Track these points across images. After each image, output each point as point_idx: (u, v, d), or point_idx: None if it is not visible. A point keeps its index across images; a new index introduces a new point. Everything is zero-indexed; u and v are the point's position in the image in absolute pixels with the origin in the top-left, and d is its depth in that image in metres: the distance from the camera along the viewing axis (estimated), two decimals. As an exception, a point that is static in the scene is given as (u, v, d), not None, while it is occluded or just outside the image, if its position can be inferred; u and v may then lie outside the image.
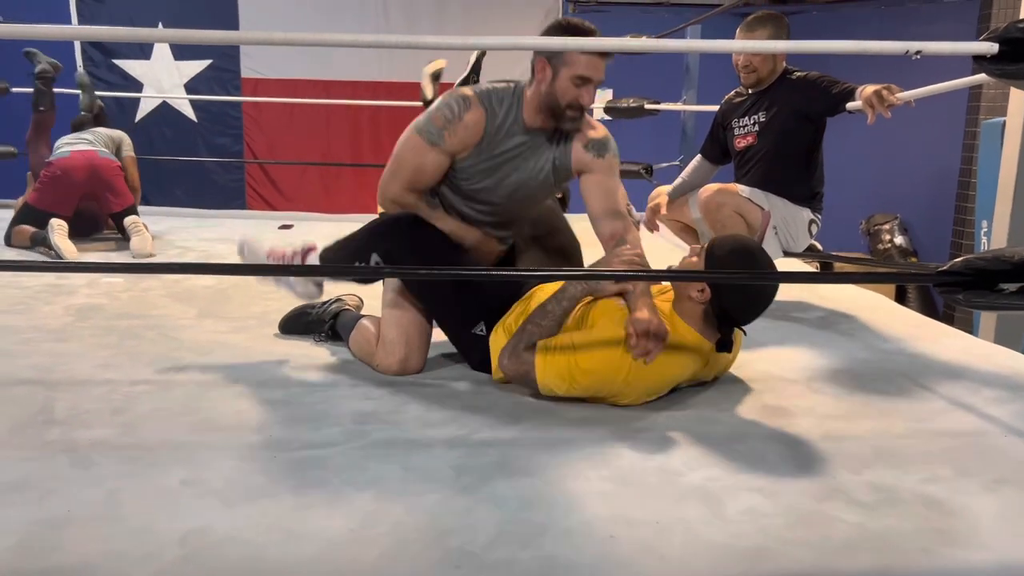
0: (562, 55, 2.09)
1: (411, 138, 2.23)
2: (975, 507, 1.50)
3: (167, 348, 2.45)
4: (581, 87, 2.12)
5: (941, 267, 1.61)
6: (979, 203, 5.07)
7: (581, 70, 2.09)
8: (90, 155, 4.39)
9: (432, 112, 2.21)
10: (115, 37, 1.83)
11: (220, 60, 6.80)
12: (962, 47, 1.64)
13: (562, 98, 2.13)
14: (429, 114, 2.22)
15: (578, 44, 1.96)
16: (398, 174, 2.26)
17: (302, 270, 2.45)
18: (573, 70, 2.09)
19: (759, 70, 3.05)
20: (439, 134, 2.18)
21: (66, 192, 4.29)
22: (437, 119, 2.19)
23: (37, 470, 1.58)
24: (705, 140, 3.41)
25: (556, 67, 2.11)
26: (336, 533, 1.36)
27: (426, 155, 2.21)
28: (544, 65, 2.13)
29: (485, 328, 2.18)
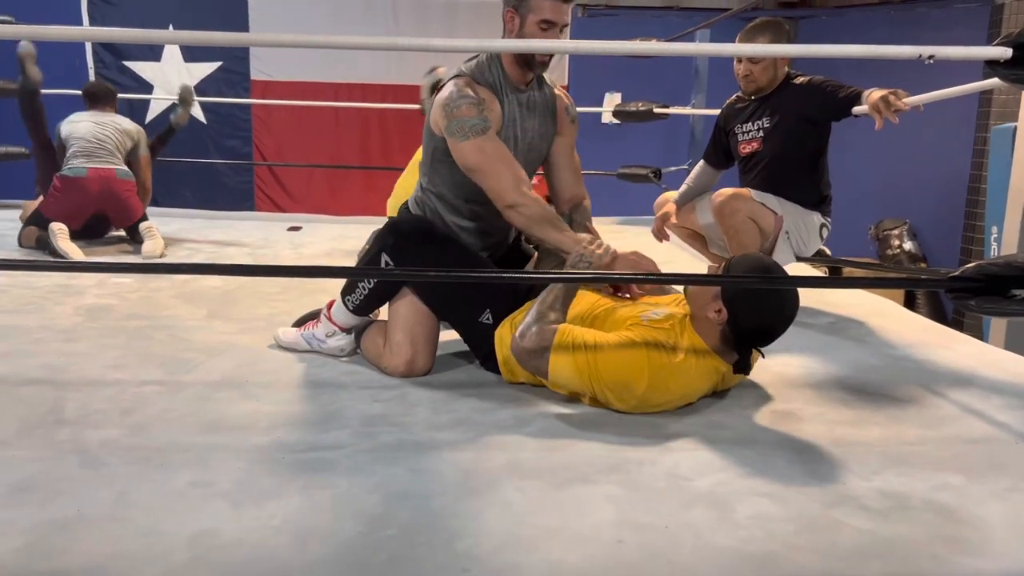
0: (527, 3, 2.17)
1: (470, 146, 2.18)
2: (985, 515, 1.49)
3: (176, 349, 2.46)
4: (548, 31, 2.20)
5: (953, 273, 1.60)
6: (989, 209, 5.05)
7: (546, 14, 2.18)
8: (108, 176, 4.35)
9: (455, 111, 2.18)
10: (126, 38, 1.84)
11: (230, 62, 6.83)
12: (975, 51, 1.64)
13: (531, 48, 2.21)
14: (457, 116, 2.18)
15: (589, 48, 1.96)
16: (504, 180, 2.19)
17: (320, 271, 2.45)
18: (538, 15, 2.18)
19: (758, 80, 3.05)
20: (483, 120, 2.18)
21: (77, 208, 4.29)
22: (468, 111, 2.18)
23: (46, 470, 1.58)
24: (707, 145, 3.40)
25: (523, 15, 2.19)
26: (344, 535, 1.36)
27: (496, 144, 2.20)
28: (512, 15, 2.21)
29: (491, 317, 2.18)
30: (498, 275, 2.29)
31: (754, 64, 3.01)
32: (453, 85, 2.23)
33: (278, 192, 6.99)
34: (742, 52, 2.80)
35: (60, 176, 4.33)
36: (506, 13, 2.23)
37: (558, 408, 1.99)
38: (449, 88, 2.23)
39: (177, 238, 4.80)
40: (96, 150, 4.40)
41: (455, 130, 2.18)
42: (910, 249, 6.55)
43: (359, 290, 2.29)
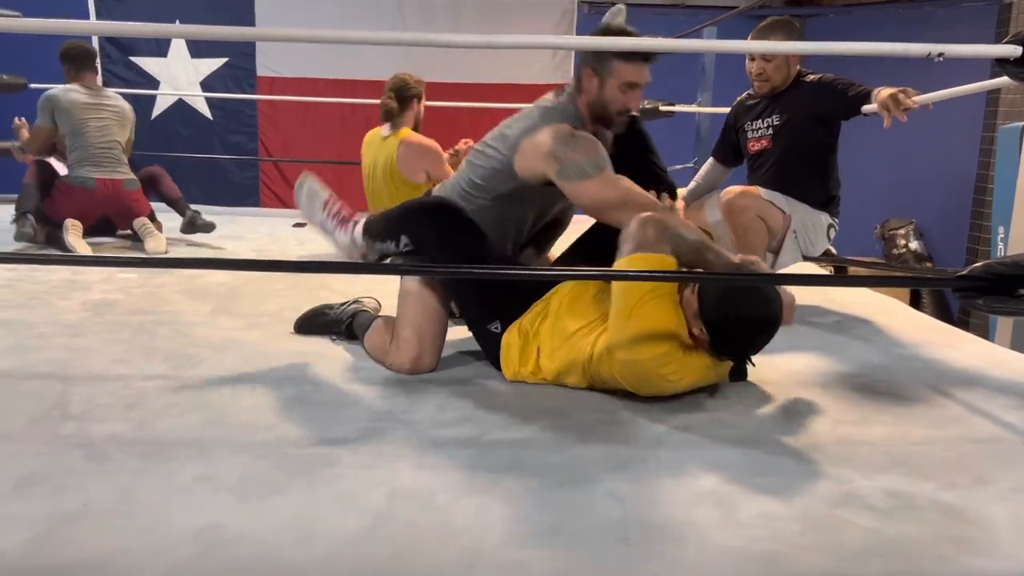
0: (607, 65, 2.16)
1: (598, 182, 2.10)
2: (992, 515, 1.48)
3: (181, 344, 2.46)
4: (628, 92, 2.20)
5: (960, 272, 1.59)
6: (996, 209, 5.03)
7: (628, 76, 2.17)
8: (116, 186, 4.35)
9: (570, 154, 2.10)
10: (132, 32, 1.84)
11: (236, 58, 6.82)
12: (985, 50, 1.63)
13: (611, 105, 2.21)
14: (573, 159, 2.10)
15: (598, 44, 1.96)
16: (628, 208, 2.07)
17: (313, 266, 2.45)
18: (620, 78, 2.17)
19: (772, 79, 3.04)
20: (603, 157, 2.12)
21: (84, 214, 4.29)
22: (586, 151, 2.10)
23: (52, 464, 1.58)
24: (717, 143, 3.40)
25: (603, 77, 2.18)
26: (349, 531, 1.36)
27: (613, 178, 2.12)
28: (591, 75, 2.19)
29: (500, 327, 2.18)
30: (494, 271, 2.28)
31: (767, 63, 3.01)
32: (554, 131, 2.14)
33: (284, 188, 6.98)
34: (751, 48, 2.80)
35: (66, 183, 4.32)
36: (584, 71, 2.20)
37: (562, 406, 1.99)
38: (550, 134, 2.14)
39: (182, 234, 4.81)
40: (103, 157, 4.38)
41: (572, 173, 2.10)
42: (916, 249, 6.54)
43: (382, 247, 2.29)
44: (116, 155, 4.42)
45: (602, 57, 2.17)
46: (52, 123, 4.35)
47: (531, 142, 2.19)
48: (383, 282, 2.83)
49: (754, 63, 3.06)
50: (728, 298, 1.92)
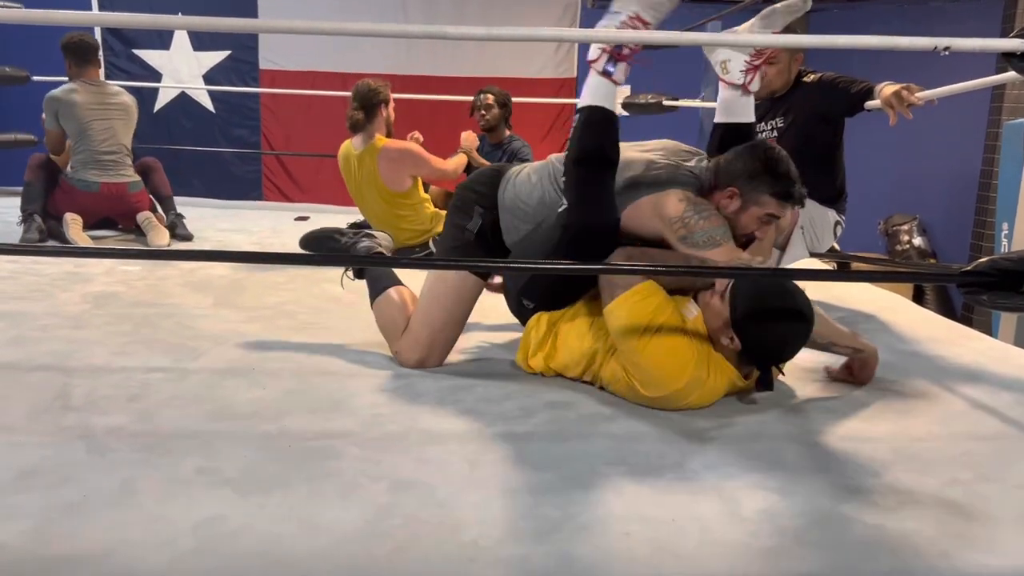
0: (758, 196, 2.10)
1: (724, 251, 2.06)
2: (995, 511, 1.48)
3: (183, 337, 2.46)
4: (765, 225, 2.15)
5: (965, 267, 1.59)
6: (1000, 205, 5.02)
7: (772, 209, 2.12)
8: (120, 191, 4.33)
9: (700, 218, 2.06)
10: (134, 24, 1.83)
11: (238, 51, 6.82)
12: (991, 44, 1.62)
13: (743, 229, 2.14)
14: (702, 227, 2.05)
15: (601, 37, 1.94)
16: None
17: (330, 259, 2.43)
18: (764, 209, 2.11)
19: (773, 83, 3.04)
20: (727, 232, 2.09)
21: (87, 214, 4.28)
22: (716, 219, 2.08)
23: (53, 456, 1.58)
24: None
25: (747, 203, 2.11)
26: (350, 525, 1.35)
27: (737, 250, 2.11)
28: (734, 195, 2.12)
29: (533, 306, 2.19)
30: (494, 264, 2.27)
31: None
32: (683, 197, 2.09)
33: (286, 182, 6.99)
34: (756, 42, 2.78)
35: (69, 183, 4.31)
36: (728, 189, 2.12)
37: (565, 400, 1.98)
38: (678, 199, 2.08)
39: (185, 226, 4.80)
40: (108, 161, 4.35)
41: (700, 241, 2.04)
42: (920, 245, 6.52)
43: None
44: (120, 158, 4.39)
45: (756, 188, 2.10)
46: (58, 125, 4.34)
47: (656, 201, 2.11)
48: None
49: None
50: (764, 305, 1.90)
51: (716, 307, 1.94)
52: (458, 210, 2.33)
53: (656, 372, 1.88)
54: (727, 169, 2.14)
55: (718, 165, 2.17)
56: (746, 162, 2.11)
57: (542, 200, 2.21)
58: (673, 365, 1.87)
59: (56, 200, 4.29)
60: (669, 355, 1.87)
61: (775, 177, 2.09)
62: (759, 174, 2.09)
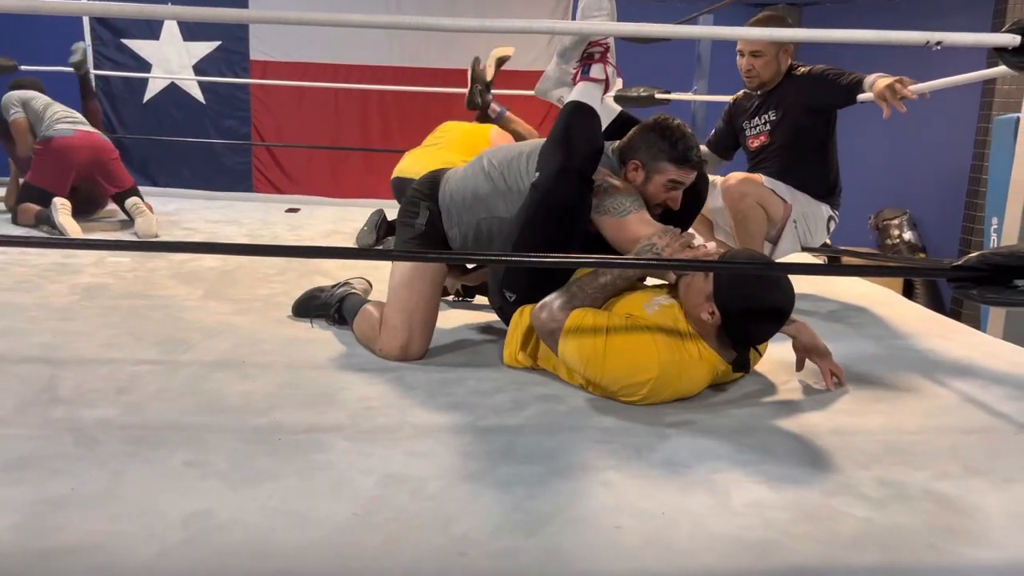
0: (659, 165, 2.20)
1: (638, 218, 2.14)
2: (984, 505, 1.48)
3: (172, 329, 2.44)
4: (672, 191, 2.24)
5: (956, 262, 1.59)
6: (990, 199, 5.04)
7: (676, 176, 2.21)
8: (93, 138, 4.38)
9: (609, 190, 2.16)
10: (123, 13, 1.81)
11: (229, 42, 6.78)
12: (983, 38, 1.62)
13: (652, 199, 2.23)
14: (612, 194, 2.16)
15: (594, 29, 1.94)
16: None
17: (317, 251, 2.43)
18: (666, 176, 2.21)
19: (761, 74, 3.05)
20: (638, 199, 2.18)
21: (64, 171, 4.29)
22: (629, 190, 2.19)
23: (41, 448, 1.57)
24: (711, 138, 3.41)
25: (650, 173, 2.22)
26: (340, 518, 1.35)
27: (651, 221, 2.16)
28: (637, 167, 2.23)
29: (514, 298, 2.19)
30: (493, 257, 2.27)
31: (756, 59, 3.02)
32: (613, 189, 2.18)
33: (277, 174, 6.95)
34: (746, 35, 2.78)
35: (43, 139, 4.33)
36: (631, 163, 2.23)
37: (556, 393, 1.98)
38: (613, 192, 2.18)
39: (175, 218, 4.78)
40: (77, 120, 4.48)
41: (612, 208, 2.13)
42: (910, 239, 6.55)
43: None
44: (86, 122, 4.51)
45: (655, 158, 2.20)
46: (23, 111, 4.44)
47: None
48: (382, 267, 2.82)
49: (744, 60, 3.06)
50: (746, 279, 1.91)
51: (698, 284, 1.95)
52: (407, 209, 2.41)
53: (624, 376, 1.89)
54: (628, 145, 2.27)
55: (622, 145, 2.30)
56: (643, 135, 2.24)
57: (475, 192, 2.30)
58: (638, 361, 1.87)
59: (36, 166, 4.31)
60: (632, 353, 1.88)
61: (671, 144, 2.19)
62: (655, 143, 2.20)
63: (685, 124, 2.24)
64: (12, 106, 4.49)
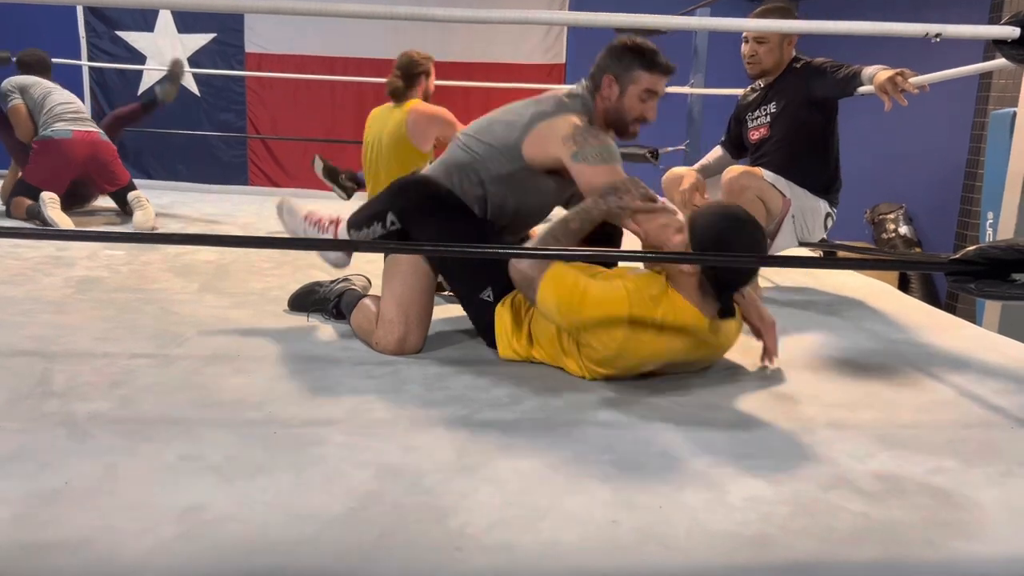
0: (631, 74, 2.22)
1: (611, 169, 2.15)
2: (981, 499, 1.48)
3: (167, 322, 2.43)
4: (648, 102, 2.25)
5: (954, 255, 1.58)
6: (985, 194, 5.04)
7: (649, 85, 2.23)
8: (93, 139, 4.34)
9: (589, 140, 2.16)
10: (117, 3, 1.80)
11: (224, 34, 6.75)
12: (983, 31, 1.62)
13: (629, 113, 2.26)
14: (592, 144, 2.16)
15: (590, 20, 1.93)
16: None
17: (313, 243, 2.43)
18: (642, 86, 2.23)
19: (764, 61, 3.04)
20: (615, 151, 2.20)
21: (61, 172, 4.27)
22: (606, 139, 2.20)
23: (34, 442, 1.56)
24: (724, 135, 3.41)
25: (624, 84, 2.23)
26: (336, 512, 1.34)
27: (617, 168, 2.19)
28: (611, 82, 2.24)
29: (492, 295, 2.17)
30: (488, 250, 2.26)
31: (760, 45, 3.01)
32: (576, 118, 2.21)
33: (272, 167, 6.93)
34: (747, 26, 2.78)
35: (42, 139, 4.30)
36: (604, 79, 2.25)
37: (553, 387, 1.98)
38: (571, 120, 2.20)
39: (170, 211, 4.76)
40: (77, 115, 4.41)
41: (590, 155, 2.15)
42: (905, 234, 6.54)
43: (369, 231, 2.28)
44: (86, 115, 4.46)
45: (627, 66, 2.22)
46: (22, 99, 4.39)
47: (549, 125, 2.22)
48: (375, 260, 2.81)
49: (747, 45, 3.06)
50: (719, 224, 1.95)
51: (678, 244, 1.99)
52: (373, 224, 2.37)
53: (599, 319, 1.90)
54: (599, 65, 2.28)
55: (591, 70, 2.30)
56: (611, 50, 2.26)
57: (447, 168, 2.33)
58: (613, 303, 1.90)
59: (32, 165, 4.27)
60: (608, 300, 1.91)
61: (640, 52, 2.21)
62: (625, 54, 2.22)
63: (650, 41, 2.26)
64: (10, 92, 4.45)
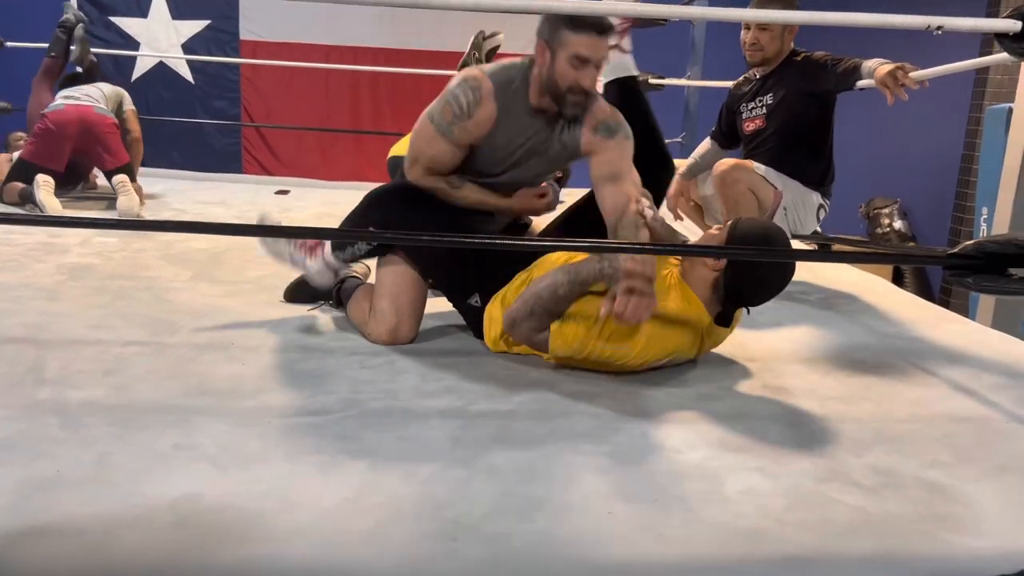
0: (559, 36, 2.02)
1: (425, 126, 2.18)
2: (976, 493, 1.48)
3: (160, 310, 2.42)
4: (580, 68, 2.04)
5: (952, 250, 1.58)
6: (980, 189, 5.05)
7: (579, 49, 2.02)
8: (84, 110, 4.33)
9: (443, 103, 2.14)
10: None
11: (218, 21, 6.70)
12: (984, 24, 1.61)
13: (562, 81, 2.06)
14: (441, 103, 2.15)
15: (591, 8, 1.92)
16: (417, 161, 2.22)
17: (299, 232, 2.41)
18: (570, 50, 2.02)
19: (766, 49, 3.02)
20: (449, 128, 2.14)
21: (57, 146, 4.25)
22: (447, 112, 2.13)
23: (26, 430, 1.55)
24: (715, 127, 3.39)
25: (554, 49, 2.05)
26: (330, 502, 1.34)
27: (439, 145, 2.17)
28: (543, 48, 2.07)
29: (480, 300, 2.17)
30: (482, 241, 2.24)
31: (762, 32, 2.99)
32: (466, 83, 2.13)
33: (266, 155, 6.90)
34: (748, 17, 2.76)
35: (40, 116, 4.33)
36: (537, 45, 2.09)
37: (548, 378, 1.97)
38: (463, 82, 2.13)
39: (163, 199, 4.74)
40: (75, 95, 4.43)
41: (433, 110, 2.16)
42: (900, 228, 6.56)
43: (353, 251, 2.26)
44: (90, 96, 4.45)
45: (555, 29, 2.04)
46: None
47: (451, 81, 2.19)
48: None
49: (749, 32, 3.04)
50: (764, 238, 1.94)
51: (715, 235, 2.00)
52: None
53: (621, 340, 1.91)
54: (538, 29, 2.11)
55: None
56: (548, 16, 2.07)
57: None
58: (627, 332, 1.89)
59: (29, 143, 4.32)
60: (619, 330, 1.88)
61: (571, 16, 2.00)
62: (556, 18, 2.03)
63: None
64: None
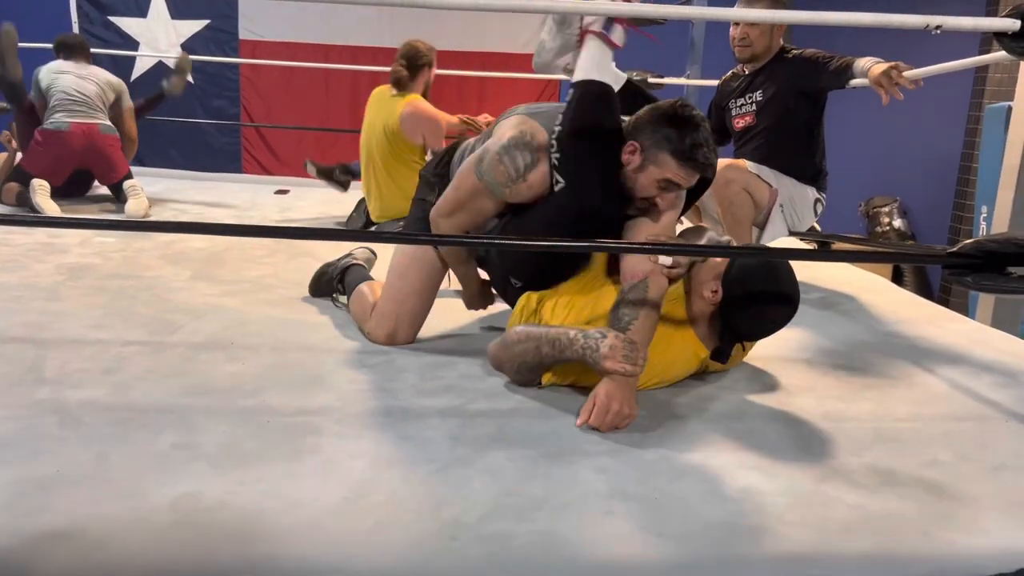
0: (659, 156, 1.90)
1: (473, 181, 2.02)
2: (975, 492, 1.48)
3: (159, 310, 2.42)
4: (665, 191, 1.95)
5: (951, 248, 1.58)
6: (980, 188, 5.05)
7: (675, 178, 1.92)
8: (90, 130, 4.30)
9: (497, 161, 1.97)
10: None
11: (217, 20, 6.69)
12: (983, 23, 1.61)
13: (641, 191, 1.96)
14: (493, 162, 1.97)
15: (589, 9, 1.91)
16: (455, 215, 2.08)
17: (299, 232, 2.41)
18: (666, 174, 1.91)
19: (754, 44, 3.02)
20: (500, 190, 1.99)
21: (59, 162, 4.25)
22: (500, 174, 1.97)
23: (25, 429, 1.55)
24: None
25: (647, 163, 1.92)
26: (330, 501, 1.34)
27: (485, 202, 2.04)
28: (635, 149, 1.94)
29: (521, 284, 2.09)
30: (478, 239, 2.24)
31: (751, 27, 2.98)
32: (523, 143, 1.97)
33: (266, 155, 6.89)
34: (744, 17, 2.76)
35: (41, 130, 4.28)
36: (628, 146, 1.94)
37: (548, 377, 1.97)
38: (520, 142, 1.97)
39: (163, 199, 4.74)
40: (78, 105, 4.35)
41: (484, 168, 1.99)
42: (899, 227, 6.56)
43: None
44: (92, 103, 4.43)
45: (658, 146, 1.90)
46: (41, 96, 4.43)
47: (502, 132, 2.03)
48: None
49: (737, 27, 3.04)
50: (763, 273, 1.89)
51: (713, 263, 1.92)
52: (423, 187, 2.31)
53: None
54: (635, 124, 1.97)
55: (629, 122, 2.01)
56: (653, 114, 1.94)
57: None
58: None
59: (33, 154, 4.26)
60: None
61: (679, 134, 1.87)
62: (662, 127, 1.90)
63: (705, 119, 1.93)
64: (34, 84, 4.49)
